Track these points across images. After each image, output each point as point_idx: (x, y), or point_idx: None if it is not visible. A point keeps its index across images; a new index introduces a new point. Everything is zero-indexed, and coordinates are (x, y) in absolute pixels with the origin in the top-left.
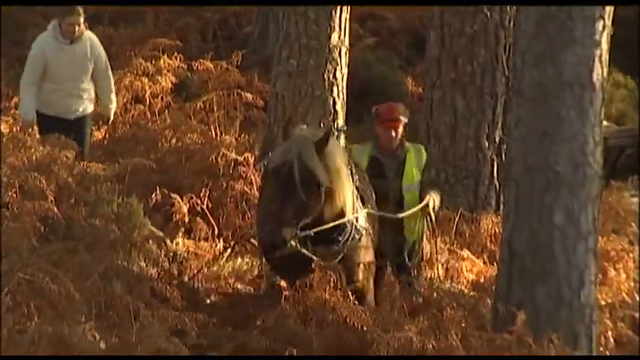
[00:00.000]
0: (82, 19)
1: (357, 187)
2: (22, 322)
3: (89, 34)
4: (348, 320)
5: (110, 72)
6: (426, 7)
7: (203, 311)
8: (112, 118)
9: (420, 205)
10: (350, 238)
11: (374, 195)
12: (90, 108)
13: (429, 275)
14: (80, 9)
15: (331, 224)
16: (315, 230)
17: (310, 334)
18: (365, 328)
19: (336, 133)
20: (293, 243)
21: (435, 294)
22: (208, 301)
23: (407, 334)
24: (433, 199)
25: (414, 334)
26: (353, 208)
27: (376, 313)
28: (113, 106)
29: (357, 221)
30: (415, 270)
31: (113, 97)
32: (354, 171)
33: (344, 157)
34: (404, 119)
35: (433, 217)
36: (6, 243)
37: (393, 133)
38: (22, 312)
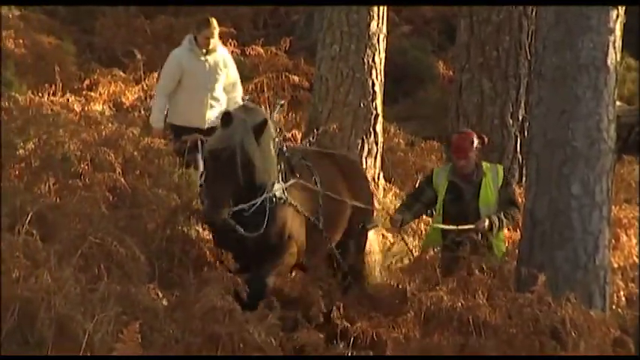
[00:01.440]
0: (216, 32)
1: (287, 163)
2: (93, 282)
3: (222, 48)
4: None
5: (240, 85)
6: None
7: None
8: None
9: (460, 227)
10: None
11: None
12: None
13: None
14: (215, 22)
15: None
16: (238, 207)
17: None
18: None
19: (277, 107)
20: (231, 222)
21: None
22: None
23: (439, 294)
24: (497, 220)
25: (444, 294)
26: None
27: (413, 275)
28: None
29: (275, 195)
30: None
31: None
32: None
33: (273, 135)
34: (474, 148)
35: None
36: (79, 210)
37: (463, 162)
38: (93, 273)
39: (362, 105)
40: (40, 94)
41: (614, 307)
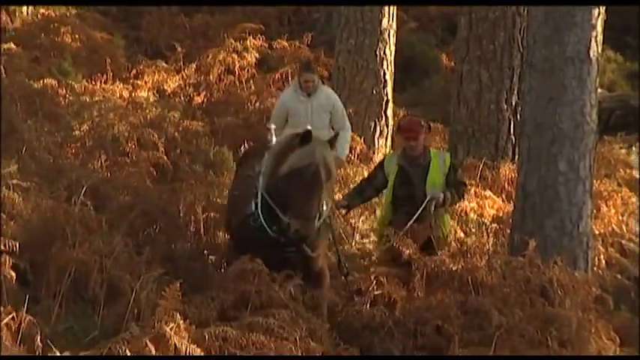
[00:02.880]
0: (316, 77)
1: None
2: (140, 246)
3: (325, 88)
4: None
5: (347, 122)
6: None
7: None
8: (344, 165)
9: (422, 207)
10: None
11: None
12: None
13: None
14: (315, 67)
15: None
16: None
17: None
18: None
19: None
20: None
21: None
22: None
23: (441, 258)
24: (449, 194)
25: (446, 257)
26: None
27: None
28: (344, 155)
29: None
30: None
31: (347, 147)
32: None
33: None
34: (423, 131)
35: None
36: (127, 184)
37: (413, 143)
38: (139, 238)
39: (374, 92)
40: (94, 83)
41: (595, 269)
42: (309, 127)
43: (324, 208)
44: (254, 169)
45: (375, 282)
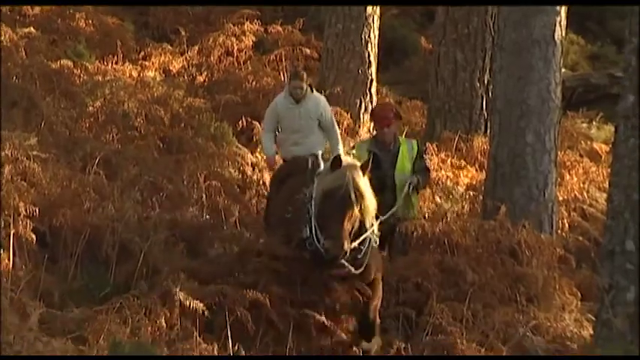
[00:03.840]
0: (304, 84)
1: None
2: (147, 212)
3: (316, 95)
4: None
5: (337, 128)
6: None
7: None
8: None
9: (403, 194)
10: (369, 248)
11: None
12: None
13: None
14: (304, 75)
15: (363, 236)
16: (354, 245)
17: None
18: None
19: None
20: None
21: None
22: None
23: (420, 222)
24: (417, 179)
25: (425, 221)
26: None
27: None
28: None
29: (373, 233)
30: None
31: (340, 147)
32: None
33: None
34: (395, 118)
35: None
36: (136, 155)
37: (386, 130)
38: (147, 205)
39: (360, 72)
40: (105, 64)
41: (559, 231)
42: (339, 153)
43: (367, 229)
44: (304, 193)
45: None
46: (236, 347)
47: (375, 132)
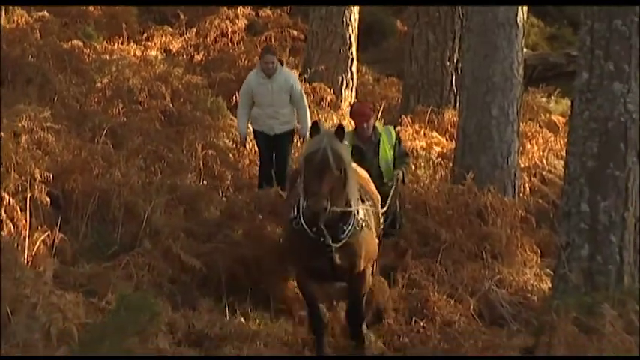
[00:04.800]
0: (275, 59)
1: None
2: (150, 178)
3: (286, 70)
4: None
5: (305, 101)
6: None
7: None
8: (307, 136)
9: (393, 188)
10: (352, 229)
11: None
12: (287, 128)
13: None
14: (275, 50)
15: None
16: (334, 209)
17: None
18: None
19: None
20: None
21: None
22: None
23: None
24: (402, 172)
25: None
26: (356, 200)
27: None
28: (307, 127)
29: (358, 213)
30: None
31: (308, 120)
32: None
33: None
34: (372, 113)
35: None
36: (139, 127)
37: (365, 125)
38: (149, 171)
39: (342, 52)
40: (112, 44)
41: (521, 195)
42: (307, 123)
43: (354, 202)
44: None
45: None
46: (229, 299)
47: (355, 127)
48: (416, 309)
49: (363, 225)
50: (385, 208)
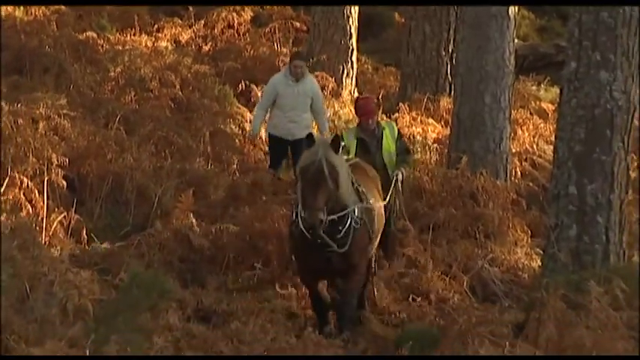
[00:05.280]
0: (304, 64)
1: (352, 183)
2: (160, 162)
3: (311, 77)
4: None
5: (325, 107)
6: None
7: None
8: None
9: (392, 188)
10: (348, 227)
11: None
12: (306, 133)
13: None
14: (305, 56)
15: (345, 212)
16: (330, 217)
17: None
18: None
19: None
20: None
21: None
22: None
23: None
24: (401, 173)
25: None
26: (353, 201)
27: None
28: (326, 130)
29: (354, 213)
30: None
31: (326, 126)
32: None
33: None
34: (376, 109)
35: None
36: (151, 113)
37: (370, 121)
38: (160, 156)
39: (342, 42)
40: (125, 35)
41: (512, 178)
42: (310, 131)
43: (350, 202)
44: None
45: None
46: (236, 277)
47: (359, 122)
48: (412, 286)
49: (360, 223)
50: (385, 202)
